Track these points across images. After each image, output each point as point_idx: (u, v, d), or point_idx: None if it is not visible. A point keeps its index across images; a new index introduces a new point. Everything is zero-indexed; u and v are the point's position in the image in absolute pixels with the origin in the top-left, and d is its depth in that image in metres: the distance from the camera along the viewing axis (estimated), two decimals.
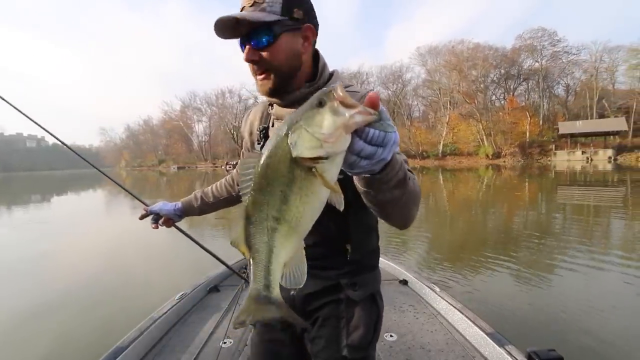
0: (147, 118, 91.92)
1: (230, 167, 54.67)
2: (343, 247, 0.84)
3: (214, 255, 1.72)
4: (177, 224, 1.24)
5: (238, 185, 1.13)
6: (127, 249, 6.07)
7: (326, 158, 0.40)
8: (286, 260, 0.49)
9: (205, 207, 1.17)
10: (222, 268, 2.72)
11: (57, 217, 10.42)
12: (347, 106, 0.40)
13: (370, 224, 0.88)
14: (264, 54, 0.73)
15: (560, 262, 4.16)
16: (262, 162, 0.44)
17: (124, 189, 1.62)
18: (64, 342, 2.79)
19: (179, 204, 1.17)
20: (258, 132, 0.93)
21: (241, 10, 0.73)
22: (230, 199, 1.17)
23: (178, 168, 66.96)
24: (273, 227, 0.46)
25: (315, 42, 0.81)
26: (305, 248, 0.79)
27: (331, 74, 0.85)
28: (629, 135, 33.68)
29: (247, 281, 2.33)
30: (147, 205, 1.21)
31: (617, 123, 33.08)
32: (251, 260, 0.50)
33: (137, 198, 1.49)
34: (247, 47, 0.73)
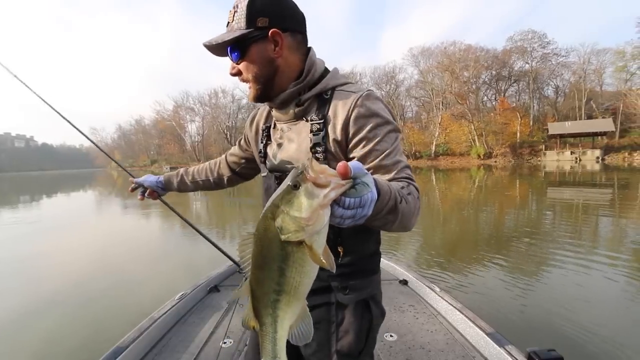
0: (139, 118, 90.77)
1: None
2: (335, 250, 0.81)
3: (210, 241, 1.72)
4: (163, 198, 1.31)
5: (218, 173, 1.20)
6: (119, 248, 5.99)
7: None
8: (291, 323, 0.52)
9: (182, 186, 1.23)
10: (222, 268, 2.72)
11: (47, 217, 10.24)
12: (320, 186, 0.43)
13: (367, 228, 0.86)
14: (240, 67, 0.80)
15: (558, 261, 4.20)
16: (256, 243, 0.48)
17: (115, 162, 1.72)
18: (54, 343, 2.75)
19: (161, 177, 1.24)
20: (262, 132, 0.95)
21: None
22: (207, 183, 1.21)
23: (171, 168, 65.89)
24: (275, 298, 0.50)
25: (301, 41, 0.82)
26: None
27: (324, 73, 0.85)
28: (616, 136, 34.39)
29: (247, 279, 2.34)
30: (133, 177, 1.29)
31: (605, 124, 33.76)
32: (260, 333, 0.54)
33: (125, 170, 1.55)
34: (231, 62, 0.81)
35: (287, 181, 0.45)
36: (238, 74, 0.81)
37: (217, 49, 0.80)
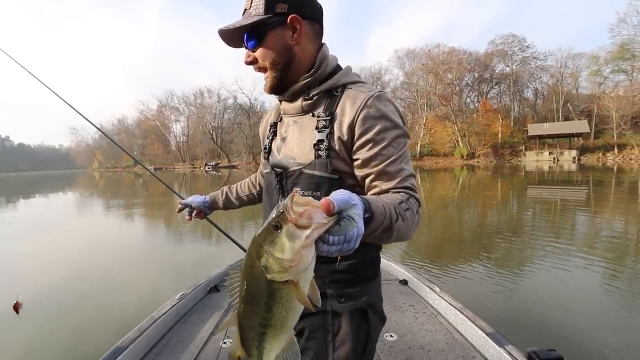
0: (122, 117, 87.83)
1: (209, 168, 53.45)
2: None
3: (241, 247, 1.74)
4: (208, 217, 1.30)
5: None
6: (102, 249, 5.87)
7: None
8: (277, 354, 0.53)
9: (228, 203, 1.22)
10: (222, 268, 2.73)
11: (26, 218, 9.84)
12: (303, 227, 0.42)
13: None
14: (257, 54, 0.78)
15: (557, 261, 4.20)
16: (243, 279, 0.49)
17: (163, 183, 1.68)
18: (34, 350, 2.68)
19: (207, 197, 1.23)
20: (269, 128, 0.94)
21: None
22: (252, 197, 1.20)
23: (155, 169, 64.54)
24: (262, 331, 0.50)
25: (318, 32, 0.81)
26: None
27: (336, 69, 0.83)
28: (590, 137, 35.94)
29: None
30: (182, 199, 1.28)
31: (580, 125, 35.24)
32: None
33: (173, 191, 1.55)
34: (246, 51, 0.79)
35: (270, 219, 0.44)
36: (253, 62, 0.79)
37: (233, 37, 0.77)
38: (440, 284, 3.52)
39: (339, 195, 0.45)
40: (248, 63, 0.80)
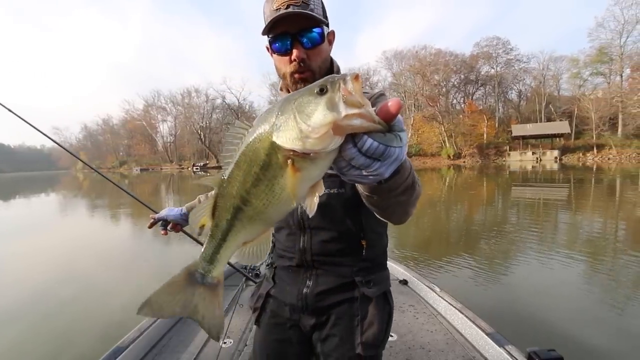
0: (107, 117, 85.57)
1: (197, 168, 52.66)
2: (359, 244, 0.85)
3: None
4: (185, 229, 1.24)
5: None
6: (86, 251, 5.76)
7: (304, 154, 0.37)
8: (246, 240, 0.47)
9: None
10: None
11: (7, 220, 9.50)
12: (350, 104, 0.35)
13: (383, 222, 0.89)
14: (311, 53, 0.77)
15: (556, 261, 4.23)
16: (247, 136, 0.42)
17: (132, 196, 1.56)
18: (21, 353, 2.63)
19: (183, 209, 1.18)
20: None
21: (278, 8, 0.72)
22: None
23: (141, 170, 63.15)
24: (239, 206, 0.43)
25: None
26: (321, 243, 0.84)
27: None
28: (571, 138, 37.14)
29: (248, 278, 2.34)
30: (155, 212, 1.21)
31: (562, 126, 36.39)
32: (210, 233, 0.47)
33: (145, 205, 1.46)
34: (297, 45, 0.76)
35: (316, 83, 0.38)
36: (305, 59, 0.77)
37: (285, 23, 0.73)
38: (440, 283, 3.59)
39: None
40: (301, 58, 0.76)
